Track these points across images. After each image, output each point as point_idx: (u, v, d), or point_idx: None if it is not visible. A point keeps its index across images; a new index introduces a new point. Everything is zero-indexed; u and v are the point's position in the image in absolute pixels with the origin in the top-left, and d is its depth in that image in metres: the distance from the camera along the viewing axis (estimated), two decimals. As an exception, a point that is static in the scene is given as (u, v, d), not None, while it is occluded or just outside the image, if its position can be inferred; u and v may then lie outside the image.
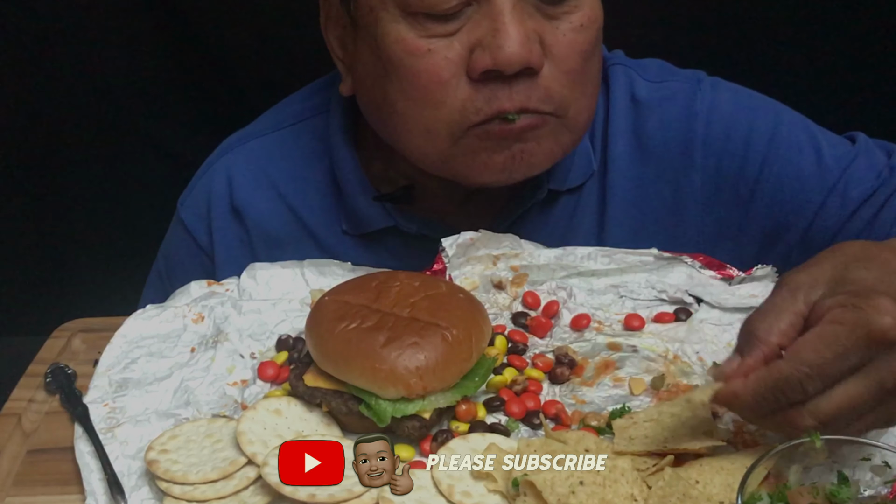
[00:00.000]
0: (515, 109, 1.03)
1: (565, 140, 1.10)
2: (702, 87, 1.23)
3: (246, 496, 0.82)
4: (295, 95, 1.35)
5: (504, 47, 0.99)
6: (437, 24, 1.01)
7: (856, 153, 1.20)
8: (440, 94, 1.03)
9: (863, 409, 0.74)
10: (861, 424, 0.76)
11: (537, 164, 1.09)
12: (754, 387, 0.75)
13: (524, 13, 1.01)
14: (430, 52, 1.02)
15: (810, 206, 1.19)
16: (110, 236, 1.99)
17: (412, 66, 1.03)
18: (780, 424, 0.76)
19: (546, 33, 1.03)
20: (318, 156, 1.26)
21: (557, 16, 1.03)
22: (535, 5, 1.02)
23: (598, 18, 1.07)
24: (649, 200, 1.24)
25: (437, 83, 1.03)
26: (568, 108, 1.07)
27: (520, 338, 1.02)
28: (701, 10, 1.75)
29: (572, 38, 1.04)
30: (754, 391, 0.75)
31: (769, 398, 0.74)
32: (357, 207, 1.23)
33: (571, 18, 1.04)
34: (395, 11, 1.02)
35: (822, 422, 0.73)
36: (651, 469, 0.79)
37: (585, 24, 1.05)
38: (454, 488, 0.80)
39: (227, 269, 1.19)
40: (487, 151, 1.06)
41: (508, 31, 0.99)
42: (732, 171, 1.21)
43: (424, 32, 1.02)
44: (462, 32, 1.02)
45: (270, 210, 1.27)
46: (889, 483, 0.76)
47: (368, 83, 1.11)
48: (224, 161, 1.30)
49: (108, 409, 0.94)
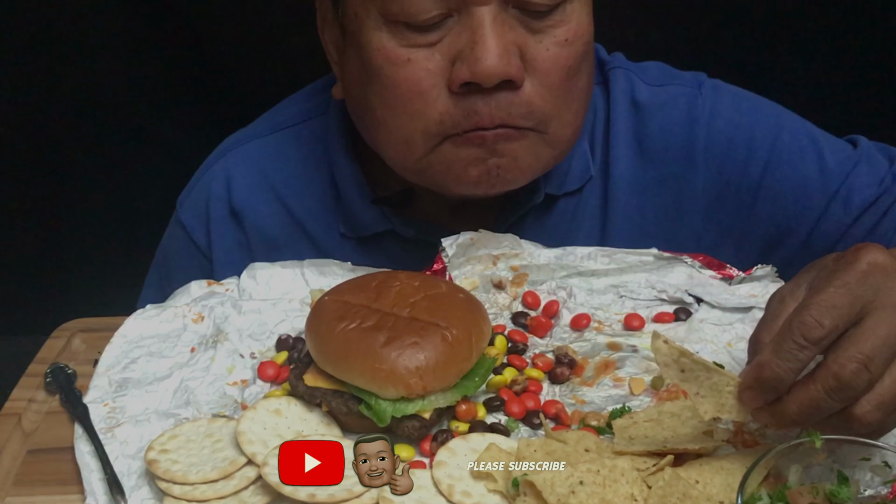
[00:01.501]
0: (494, 125, 1.02)
1: (545, 155, 1.09)
2: (703, 90, 1.23)
3: (246, 496, 0.82)
4: (294, 97, 1.35)
5: (482, 60, 0.98)
6: (417, 34, 1.01)
7: (858, 158, 1.20)
8: (419, 105, 1.03)
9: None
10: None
11: (514, 179, 1.08)
12: (810, 395, 0.73)
13: (505, 26, 1.00)
14: (410, 62, 1.02)
15: (812, 211, 1.19)
16: (110, 236, 1.99)
17: (392, 74, 1.02)
18: (840, 425, 0.75)
19: (529, 47, 1.02)
20: (317, 158, 1.26)
21: (541, 29, 1.02)
22: (518, 18, 1.01)
23: (584, 34, 1.05)
24: (651, 205, 1.23)
25: (416, 93, 1.02)
26: (549, 124, 1.06)
27: (520, 338, 1.02)
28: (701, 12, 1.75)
29: (556, 53, 1.03)
30: (813, 398, 0.73)
31: (831, 399, 0.73)
32: (355, 210, 1.23)
33: (556, 32, 1.02)
34: (377, 19, 1.02)
35: (884, 404, 0.73)
36: (651, 469, 0.79)
37: (570, 39, 1.03)
38: (454, 488, 0.80)
39: (225, 270, 1.19)
40: (462, 163, 1.06)
41: (487, 44, 0.98)
42: (734, 176, 1.21)
43: (405, 42, 1.01)
44: (443, 44, 1.01)
45: (268, 212, 1.27)
46: (889, 483, 0.76)
47: (353, 89, 1.11)
48: (223, 162, 1.29)
49: (108, 409, 0.94)
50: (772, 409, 0.76)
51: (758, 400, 0.76)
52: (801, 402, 0.74)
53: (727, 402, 0.78)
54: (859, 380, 0.72)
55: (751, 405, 0.77)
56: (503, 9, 1.00)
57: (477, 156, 1.05)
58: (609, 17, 1.08)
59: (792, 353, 0.73)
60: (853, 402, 0.73)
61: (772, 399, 0.76)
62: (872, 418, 0.73)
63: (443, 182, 1.09)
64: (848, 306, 0.73)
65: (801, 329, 0.73)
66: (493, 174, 1.06)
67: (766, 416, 0.77)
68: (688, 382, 0.79)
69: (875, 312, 0.73)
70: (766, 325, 0.79)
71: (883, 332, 0.72)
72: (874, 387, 0.73)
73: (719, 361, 0.95)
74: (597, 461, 0.78)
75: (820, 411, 0.74)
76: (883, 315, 0.73)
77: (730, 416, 0.78)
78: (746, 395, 0.77)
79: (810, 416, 0.74)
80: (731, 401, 0.78)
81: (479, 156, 1.05)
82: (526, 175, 1.09)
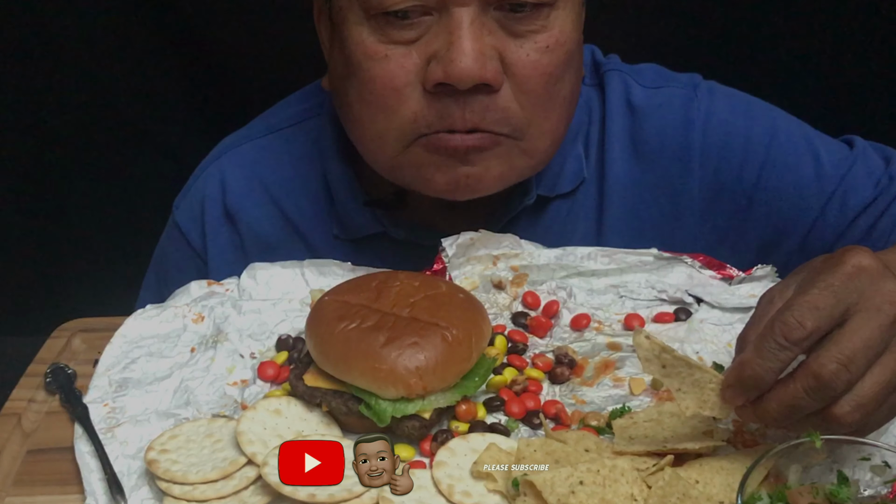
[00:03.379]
0: (466, 129, 1.02)
1: (520, 164, 1.08)
2: (698, 93, 1.22)
3: (246, 496, 0.82)
4: (289, 98, 1.35)
5: (456, 62, 0.98)
6: (396, 30, 1.01)
7: (854, 159, 1.20)
8: (393, 102, 1.03)
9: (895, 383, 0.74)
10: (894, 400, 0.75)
11: (483, 188, 1.08)
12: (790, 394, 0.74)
13: (484, 29, 0.99)
14: (387, 59, 1.02)
15: (809, 213, 1.19)
16: (110, 236, 1.99)
17: (369, 69, 1.03)
18: (819, 424, 0.75)
19: (508, 52, 1.01)
20: (311, 160, 1.27)
21: (522, 34, 1.01)
22: (500, 22, 1.00)
23: (567, 42, 1.04)
24: (647, 207, 1.23)
25: (391, 90, 1.02)
26: (525, 131, 1.05)
27: (520, 338, 1.02)
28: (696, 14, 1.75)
29: (536, 59, 1.02)
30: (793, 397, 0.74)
31: (810, 398, 0.73)
32: (347, 212, 1.23)
33: (537, 38, 1.02)
34: (359, 13, 1.02)
35: (863, 405, 0.73)
36: (651, 469, 0.79)
37: (552, 46, 1.02)
38: (454, 488, 0.80)
39: (221, 272, 1.19)
40: (431, 168, 1.06)
41: (463, 46, 0.97)
42: (730, 178, 1.21)
43: (384, 38, 1.01)
44: (421, 43, 1.01)
45: (263, 214, 1.27)
46: (889, 483, 0.76)
47: (336, 82, 1.12)
48: (218, 164, 1.30)
49: (108, 409, 0.94)
50: (753, 406, 0.77)
51: (739, 398, 0.77)
52: (781, 401, 0.74)
53: (709, 398, 0.79)
54: (839, 380, 0.72)
55: (732, 403, 0.78)
56: (483, 11, 0.99)
57: (446, 164, 1.05)
58: (605, 19, 1.08)
59: (773, 352, 0.74)
60: (833, 402, 0.74)
61: (753, 397, 0.76)
62: (851, 419, 0.74)
63: (413, 183, 1.09)
64: (831, 308, 0.74)
65: (783, 329, 0.73)
66: (462, 183, 1.06)
67: (748, 414, 0.78)
68: (669, 378, 0.79)
69: (858, 314, 0.74)
70: (753, 325, 0.79)
71: (865, 334, 0.73)
72: (854, 388, 0.73)
73: (719, 361, 0.96)
74: (597, 461, 0.79)
75: (799, 410, 0.74)
76: (865, 317, 0.74)
77: (712, 412, 0.79)
78: (728, 393, 0.77)
79: (790, 414, 0.75)
80: (714, 398, 0.79)
81: (449, 164, 1.05)
82: (498, 183, 1.08)
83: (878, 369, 0.74)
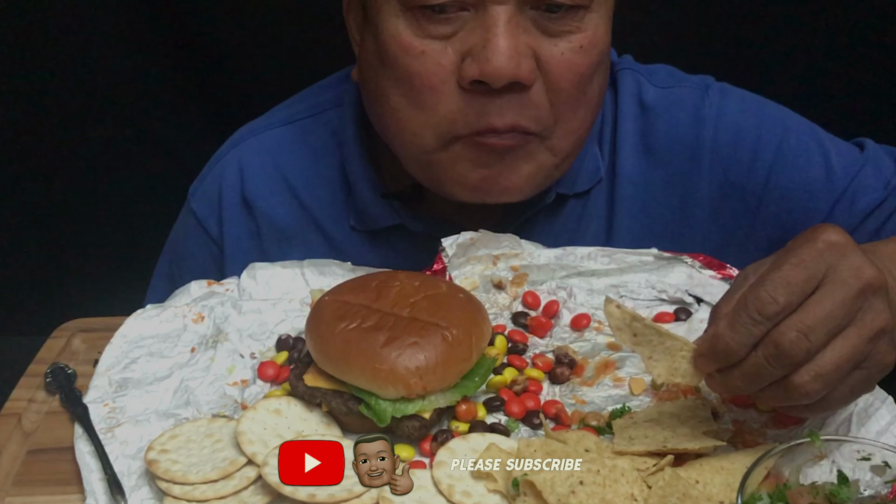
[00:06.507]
0: (506, 128, 1.02)
1: (546, 162, 1.09)
2: (710, 93, 1.23)
3: (246, 496, 0.82)
4: (311, 89, 1.35)
5: (491, 60, 0.98)
6: (432, 24, 1.01)
7: (864, 161, 1.20)
8: (430, 100, 1.03)
9: (857, 358, 0.75)
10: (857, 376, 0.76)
11: (513, 187, 1.08)
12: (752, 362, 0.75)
13: (519, 27, 1.00)
14: (424, 55, 1.02)
15: (817, 214, 1.19)
16: (110, 236, 1.99)
17: (406, 64, 1.03)
18: (780, 394, 0.76)
19: (543, 50, 1.02)
20: (330, 151, 1.27)
21: (557, 34, 1.02)
22: (534, 20, 1.01)
23: (600, 43, 1.05)
24: (657, 206, 1.23)
25: (429, 88, 1.02)
26: (553, 130, 1.06)
27: (520, 338, 1.02)
28: (709, 16, 1.75)
29: (570, 59, 1.03)
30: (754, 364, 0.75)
31: (770, 366, 0.74)
32: (365, 204, 1.23)
33: (571, 38, 1.02)
34: (395, 5, 1.02)
35: (822, 375, 0.74)
36: (651, 469, 0.79)
37: (585, 47, 1.03)
38: (454, 488, 0.80)
39: (236, 260, 1.20)
40: (467, 164, 1.06)
41: (498, 44, 0.98)
42: (740, 178, 1.21)
43: (421, 32, 1.01)
44: (456, 39, 1.01)
45: (280, 203, 1.27)
46: (889, 483, 0.76)
47: (368, 73, 1.11)
48: (236, 152, 1.30)
49: (108, 409, 0.94)
50: (719, 374, 0.78)
51: (710, 367, 0.78)
52: (744, 370, 0.76)
53: (680, 366, 0.80)
54: (797, 348, 0.73)
55: (704, 370, 0.79)
56: (520, 10, 0.99)
57: (485, 160, 1.05)
58: (618, 21, 1.08)
59: (746, 327, 0.75)
60: (793, 371, 0.74)
61: (724, 367, 0.77)
62: (811, 388, 0.74)
63: (442, 180, 1.09)
64: (803, 283, 0.75)
65: (756, 304, 0.74)
66: (493, 182, 1.06)
67: (716, 384, 0.79)
68: (641, 346, 0.80)
69: (824, 286, 0.75)
70: (728, 299, 0.80)
71: (827, 305, 0.74)
72: (815, 357, 0.74)
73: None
74: (597, 461, 0.79)
75: (761, 378, 0.75)
76: (830, 289, 0.75)
77: (683, 380, 0.80)
78: (700, 361, 0.79)
79: (753, 382, 0.76)
80: (685, 365, 0.80)
81: (487, 160, 1.05)
82: (528, 183, 1.09)
83: (840, 341, 0.75)
